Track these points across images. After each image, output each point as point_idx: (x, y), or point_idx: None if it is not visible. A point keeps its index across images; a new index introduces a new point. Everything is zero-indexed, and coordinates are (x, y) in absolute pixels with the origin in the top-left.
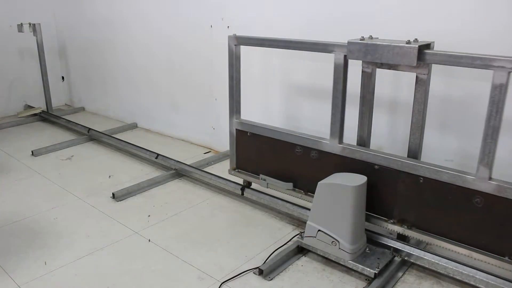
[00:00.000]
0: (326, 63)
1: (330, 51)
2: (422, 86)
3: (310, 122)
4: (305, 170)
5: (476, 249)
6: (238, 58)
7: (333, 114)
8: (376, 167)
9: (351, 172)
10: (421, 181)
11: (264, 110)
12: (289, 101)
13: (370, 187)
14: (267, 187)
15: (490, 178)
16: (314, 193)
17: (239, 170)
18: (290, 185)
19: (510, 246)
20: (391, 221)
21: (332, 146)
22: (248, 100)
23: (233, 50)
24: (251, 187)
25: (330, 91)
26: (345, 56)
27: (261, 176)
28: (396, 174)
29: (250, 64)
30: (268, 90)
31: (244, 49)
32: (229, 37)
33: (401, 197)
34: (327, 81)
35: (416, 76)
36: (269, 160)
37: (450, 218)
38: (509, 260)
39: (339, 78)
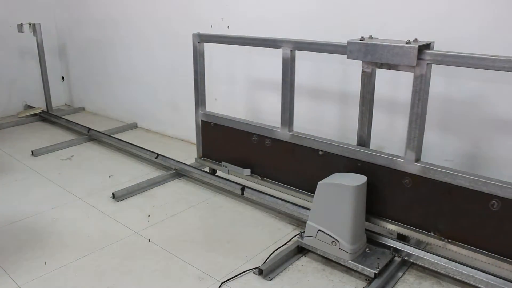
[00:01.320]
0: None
1: (278, 47)
2: (422, 86)
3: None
4: (261, 157)
5: (407, 226)
6: (201, 54)
7: (282, 105)
8: (320, 152)
9: (300, 157)
10: (359, 164)
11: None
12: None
13: (318, 171)
14: (228, 174)
15: (416, 161)
16: (270, 179)
17: (204, 158)
18: (248, 171)
19: (436, 221)
20: None
21: (283, 134)
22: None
23: (197, 47)
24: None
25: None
26: (291, 51)
27: (223, 163)
28: (338, 159)
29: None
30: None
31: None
32: (193, 35)
33: None
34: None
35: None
36: (230, 148)
37: (386, 198)
38: (434, 235)
39: (287, 71)
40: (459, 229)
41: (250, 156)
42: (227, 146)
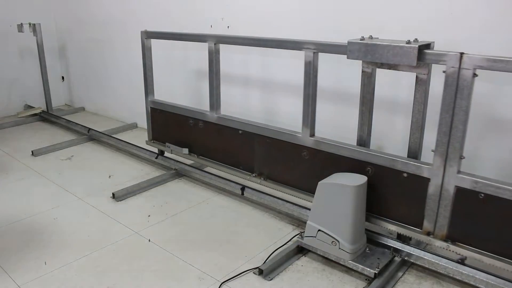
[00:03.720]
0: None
1: (204, 41)
2: (422, 86)
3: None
4: (196, 137)
5: (306, 192)
6: (149, 49)
7: (210, 91)
8: (240, 132)
9: (225, 136)
10: (269, 141)
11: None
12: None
13: (239, 148)
14: (171, 153)
15: (311, 135)
16: (204, 157)
17: (154, 141)
18: (186, 150)
19: None
20: (254, 174)
21: (211, 117)
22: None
23: (144, 43)
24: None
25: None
26: (214, 44)
27: (167, 144)
28: (253, 136)
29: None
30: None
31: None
32: (141, 32)
33: (258, 155)
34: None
35: (416, 76)
36: (173, 131)
37: (290, 168)
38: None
39: (212, 61)
40: None
41: (188, 137)
42: (170, 129)
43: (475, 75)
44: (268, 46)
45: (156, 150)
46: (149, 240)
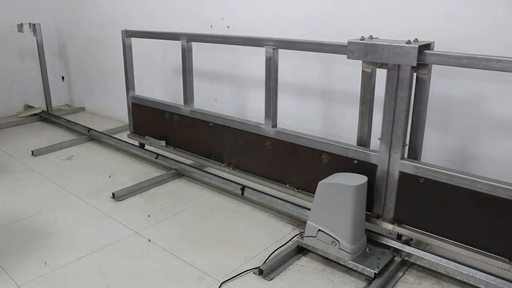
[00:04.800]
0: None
1: (178, 39)
2: (422, 86)
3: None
4: (172, 130)
5: (269, 179)
6: (129, 47)
7: (183, 86)
8: (210, 124)
9: (197, 128)
10: (236, 132)
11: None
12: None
13: (209, 139)
14: (150, 145)
15: (273, 126)
16: (181, 149)
17: (135, 134)
18: (163, 142)
19: (289, 175)
20: (223, 164)
21: (185, 111)
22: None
23: (125, 41)
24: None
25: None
26: (187, 42)
27: (146, 137)
28: (222, 128)
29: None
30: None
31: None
32: (122, 31)
33: (227, 146)
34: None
35: (416, 76)
36: (152, 124)
37: (255, 158)
38: (289, 187)
39: (185, 58)
40: (306, 180)
41: (166, 130)
42: (149, 123)
43: (413, 68)
44: (233, 43)
45: (152, 148)
46: (149, 240)
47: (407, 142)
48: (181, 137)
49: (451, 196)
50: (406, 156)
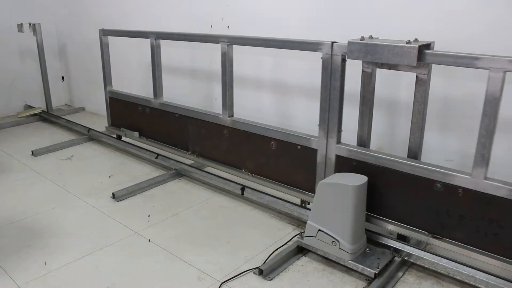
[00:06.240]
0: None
1: (147, 37)
2: (422, 86)
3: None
4: (145, 122)
5: (227, 165)
6: (106, 45)
7: (153, 80)
8: (177, 115)
9: (165, 120)
10: (199, 122)
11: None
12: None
13: (176, 129)
14: (125, 136)
15: (230, 116)
16: (152, 139)
17: (112, 126)
18: (137, 133)
19: (244, 161)
20: (189, 152)
21: (155, 103)
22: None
23: (102, 40)
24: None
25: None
26: (155, 40)
27: (121, 129)
28: (186, 119)
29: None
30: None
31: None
32: (99, 30)
33: (191, 135)
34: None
35: (416, 76)
36: (127, 117)
37: (215, 146)
38: (244, 171)
39: (154, 55)
40: (258, 165)
41: (139, 122)
42: (125, 115)
43: (343, 60)
44: (195, 40)
45: (152, 147)
46: (149, 240)
47: (342, 128)
48: (152, 128)
49: (378, 176)
50: (341, 140)
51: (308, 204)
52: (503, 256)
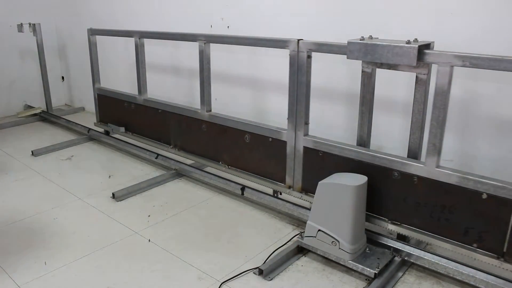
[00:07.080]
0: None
1: (131, 36)
2: (422, 86)
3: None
4: (130, 118)
5: (204, 157)
6: (94, 44)
7: (137, 77)
8: (159, 111)
9: (149, 115)
10: (179, 118)
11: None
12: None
13: (158, 124)
14: (112, 132)
15: (207, 111)
16: (137, 134)
17: (101, 122)
18: (123, 128)
19: (221, 153)
20: (170, 146)
21: (139, 99)
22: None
23: (90, 39)
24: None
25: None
26: (139, 38)
27: (108, 124)
28: (167, 114)
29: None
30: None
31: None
32: (87, 29)
33: (173, 130)
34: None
35: (416, 76)
36: (114, 113)
37: (194, 140)
38: (222, 164)
39: (138, 53)
40: (234, 157)
41: (125, 118)
42: (112, 112)
43: (309, 57)
44: (175, 39)
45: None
46: (149, 240)
47: (308, 121)
48: (137, 124)
49: (343, 165)
50: (309, 133)
51: (280, 194)
52: (455, 240)
